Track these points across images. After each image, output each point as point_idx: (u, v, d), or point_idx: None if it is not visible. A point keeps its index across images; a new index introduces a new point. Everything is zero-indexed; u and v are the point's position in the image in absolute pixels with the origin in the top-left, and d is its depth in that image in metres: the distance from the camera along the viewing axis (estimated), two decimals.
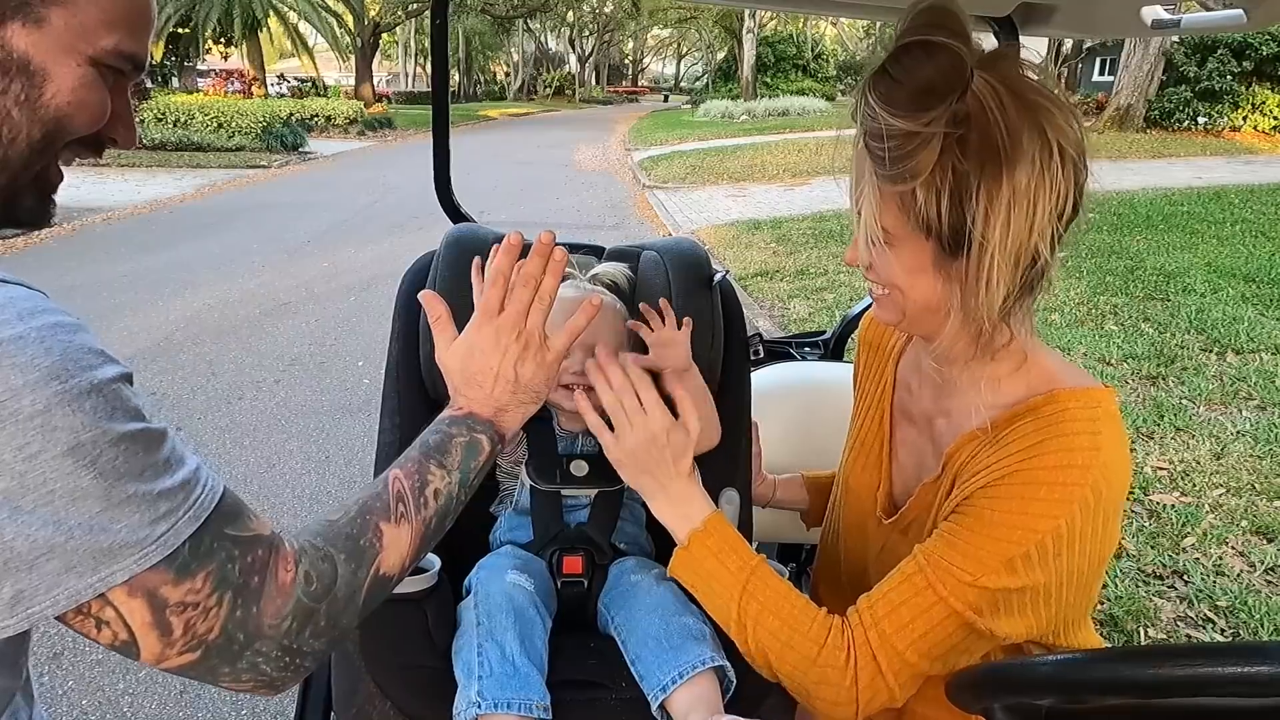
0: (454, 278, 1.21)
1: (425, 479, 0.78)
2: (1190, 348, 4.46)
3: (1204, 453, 3.30)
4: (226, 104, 18.53)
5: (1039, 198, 0.79)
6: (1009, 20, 1.46)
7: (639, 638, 1.01)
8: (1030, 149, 0.77)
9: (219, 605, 0.62)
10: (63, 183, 0.71)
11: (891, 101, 0.78)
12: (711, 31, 44.58)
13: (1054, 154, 0.78)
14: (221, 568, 0.62)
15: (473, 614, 1.01)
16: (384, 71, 50.01)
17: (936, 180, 0.79)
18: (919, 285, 0.87)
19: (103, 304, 5.86)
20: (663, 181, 12.18)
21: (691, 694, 0.94)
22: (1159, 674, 0.66)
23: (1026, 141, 0.77)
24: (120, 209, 9.92)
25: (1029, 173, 0.78)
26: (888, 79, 0.79)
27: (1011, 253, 0.80)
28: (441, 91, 1.55)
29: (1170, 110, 16.06)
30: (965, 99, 0.77)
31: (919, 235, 0.83)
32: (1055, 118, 0.79)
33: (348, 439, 3.71)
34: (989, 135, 0.77)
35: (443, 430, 0.82)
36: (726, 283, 1.31)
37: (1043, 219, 0.80)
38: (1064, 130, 0.79)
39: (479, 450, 0.82)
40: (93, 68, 0.63)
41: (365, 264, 7.11)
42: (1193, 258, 6.43)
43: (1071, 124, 0.80)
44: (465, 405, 0.84)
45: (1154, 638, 2.26)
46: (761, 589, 0.93)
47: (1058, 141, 0.79)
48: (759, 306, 5.63)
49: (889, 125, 0.78)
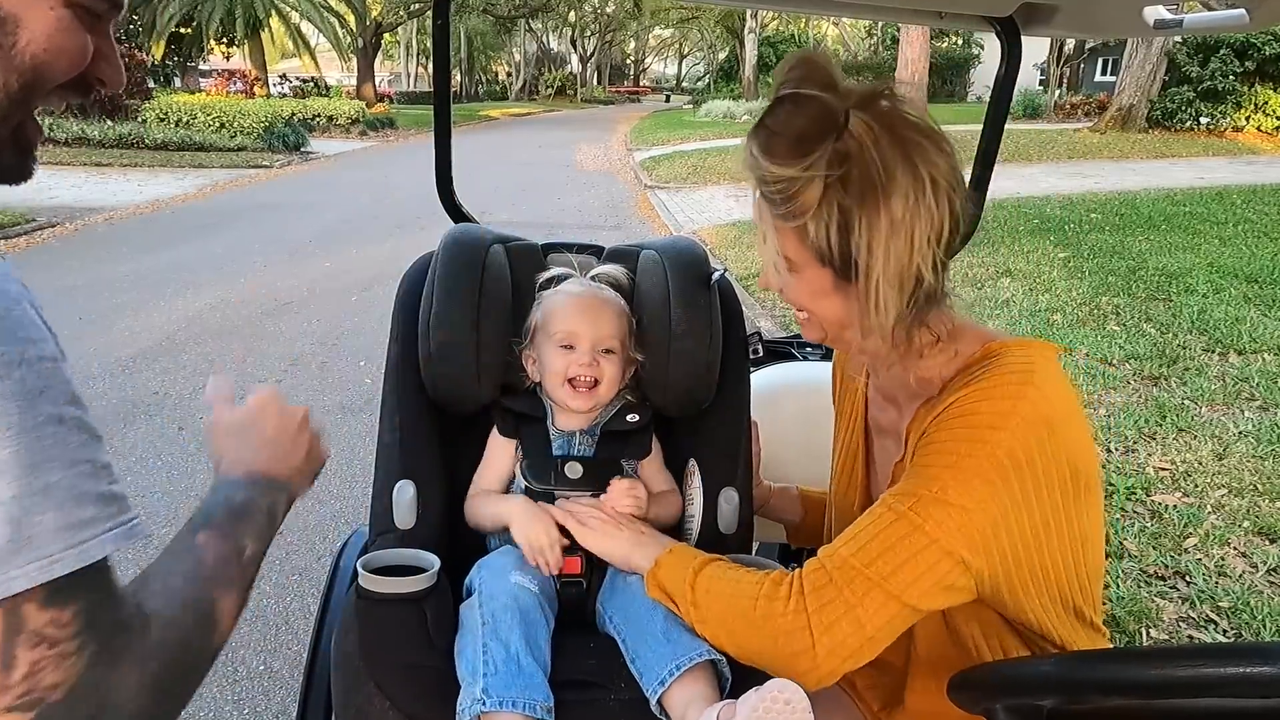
0: (452, 278, 1.21)
1: (241, 544, 0.70)
2: (1192, 348, 4.46)
3: (1206, 453, 3.29)
4: (229, 104, 18.54)
5: (915, 225, 0.85)
6: (1011, 21, 1.46)
7: (637, 634, 1.02)
8: (904, 182, 0.84)
9: (78, 654, 0.52)
10: (69, 182, 0.67)
11: (771, 151, 0.87)
12: (713, 31, 44.61)
13: (926, 185, 0.85)
14: (94, 609, 0.53)
15: (477, 613, 1.01)
16: (386, 71, 50.03)
17: (824, 214, 0.86)
18: (825, 307, 0.95)
19: (105, 304, 5.87)
20: (664, 181, 12.18)
21: (688, 689, 0.95)
22: (1161, 675, 0.66)
23: (900, 175, 0.84)
24: (122, 209, 9.93)
25: (904, 204, 0.84)
26: (766, 131, 0.89)
27: (895, 276, 0.86)
28: (443, 91, 1.55)
29: (1173, 110, 16.05)
30: (844, 139, 0.84)
31: (816, 263, 0.91)
32: (928, 152, 0.86)
33: (349, 439, 3.71)
34: (866, 171, 0.84)
35: (244, 494, 0.76)
36: (725, 281, 1.31)
37: (921, 244, 0.86)
38: (935, 163, 0.86)
39: (278, 513, 0.78)
40: (68, 10, 0.59)
41: (367, 264, 7.11)
42: (1195, 258, 6.42)
43: (944, 156, 0.87)
44: (256, 466, 0.79)
45: (1156, 639, 2.26)
46: (713, 570, 0.98)
47: (929, 174, 0.85)
48: (760, 306, 5.63)
49: (772, 172, 0.87)
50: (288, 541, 2.88)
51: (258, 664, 2.29)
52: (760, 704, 0.81)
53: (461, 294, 1.20)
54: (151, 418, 3.93)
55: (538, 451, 1.20)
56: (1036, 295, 5.57)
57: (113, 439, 3.68)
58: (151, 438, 3.71)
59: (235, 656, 2.30)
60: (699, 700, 0.93)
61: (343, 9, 29.16)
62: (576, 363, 1.19)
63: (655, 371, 1.24)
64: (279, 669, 2.27)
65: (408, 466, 1.18)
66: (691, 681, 0.95)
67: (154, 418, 3.93)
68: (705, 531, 1.22)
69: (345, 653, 1.01)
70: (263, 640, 2.38)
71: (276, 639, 2.38)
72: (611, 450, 1.22)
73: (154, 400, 4.14)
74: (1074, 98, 22.34)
